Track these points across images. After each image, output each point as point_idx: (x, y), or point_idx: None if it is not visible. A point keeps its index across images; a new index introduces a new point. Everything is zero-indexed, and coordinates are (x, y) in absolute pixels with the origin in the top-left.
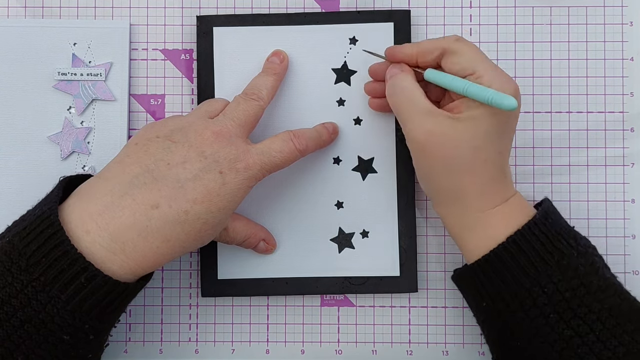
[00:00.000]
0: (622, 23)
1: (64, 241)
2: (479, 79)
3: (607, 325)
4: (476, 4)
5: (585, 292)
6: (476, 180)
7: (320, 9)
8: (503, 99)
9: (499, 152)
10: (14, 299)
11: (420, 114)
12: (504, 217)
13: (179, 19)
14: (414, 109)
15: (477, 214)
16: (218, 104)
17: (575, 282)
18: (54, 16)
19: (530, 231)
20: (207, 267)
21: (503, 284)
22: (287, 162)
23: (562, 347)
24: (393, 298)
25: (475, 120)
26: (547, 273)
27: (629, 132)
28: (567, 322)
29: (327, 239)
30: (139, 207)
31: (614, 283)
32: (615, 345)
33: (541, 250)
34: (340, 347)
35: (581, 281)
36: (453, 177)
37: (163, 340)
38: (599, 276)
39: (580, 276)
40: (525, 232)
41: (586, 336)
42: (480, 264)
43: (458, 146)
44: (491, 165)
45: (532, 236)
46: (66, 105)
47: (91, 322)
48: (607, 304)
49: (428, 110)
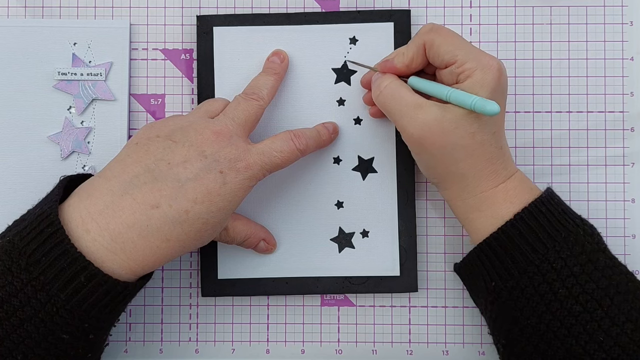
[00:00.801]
0: (622, 23)
1: (64, 240)
2: (462, 66)
3: (615, 302)
4: (476, 4)
5: (593, 268)
6: (475, 162)
7: (320, 9)
8: (485, 105)
9: (493, 133)
10: (14, 297)
11: (410, 109)
12: (508, 194)
13: (179, 19)
14: (403, 105)
15: (480, 194)
16: (218, 104)
17: (583, 258)
18: (54, 16)
19: (537, 208)
20: (207, 267)
21: (512, 261)
22: (287, 161)
23: (571, 322)
24: (393, 298)
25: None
26: (555, 249)
27: (629, 132)
28: (576, 298)
29: (327, 239)
30: (139, 206)
31: (620, 263)
32: (623, 321)
33: (549, 227)
34: (340, 347)
35: (589, 257)
36: (453, 163)
37: (163, 340)
38: (605, 254)
39: (587, 252)
40: (532, 210)
41: (594, 312)
42: (489, 242)
43: (452, 133)
44: (488, 146)
45: (540, 213)
46: (66, 105)
47: (91, 321)
48: (615, 280)
49: (416, 103)
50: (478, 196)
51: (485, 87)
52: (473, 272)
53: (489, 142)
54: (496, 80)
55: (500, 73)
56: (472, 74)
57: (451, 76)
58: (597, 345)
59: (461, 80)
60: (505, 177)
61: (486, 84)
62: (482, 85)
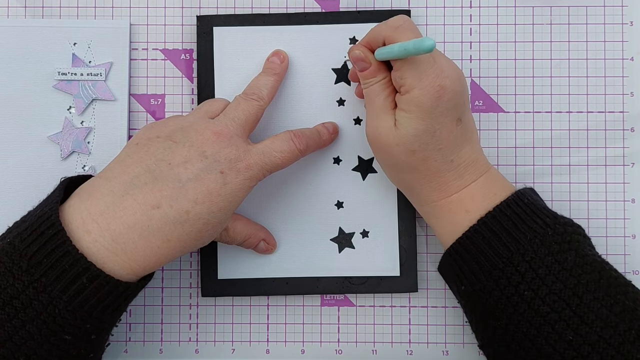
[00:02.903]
0: (622, 23)
1: (65, 242)
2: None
3: (584, 300)
4: (476, 4)
5: (560, 268)
6: (419, 176)
7: (320, 9)
8: (422, 42)
9: (439, 149)
10: (16, 299)
11: (375, 111)
12: (463, 203)
13: (179, 19)
14: (374, 105)
15: (432, 204)
16: (218, 104)
17: (549, 260)
18: (54, 16)
19: (502, 212)
20: (207, 267)
21: (477, 265)
22: (287, 162)
23: (539, 323)
24: (393, 298)
25: (404, 125)
26: (519, 252)
27: (629, 132)
28: (543, 299)
29: (327, 239)
30: (140, 207)
31: (595, 260)
32: (592, 319)
33: (513, 231)
34: (340, 347)
35: (555, 258)
36: (399, 172)
37: (163, 340)
38: (576, 253)
39: (554, 253)
40: (496, 214)
41: (562, 311)
42: (454, 248)
43: (395, 148)
44: (432, 162)
45: (503, 217)
46: (66, 105)
47: (93, 322)
48: (584, 279)
49: (382, 109)
50: (430, 205)
51: (421, 107)
52: (446, 275)
53: (433, 158)
54: (433, 102)
55: (443, 93)
56: (411, 90)
57: (396, 84)
58: (566, 345)
59: (402, 92)
60: (459, 186)
61: (421, 105)
62: (417, 104)
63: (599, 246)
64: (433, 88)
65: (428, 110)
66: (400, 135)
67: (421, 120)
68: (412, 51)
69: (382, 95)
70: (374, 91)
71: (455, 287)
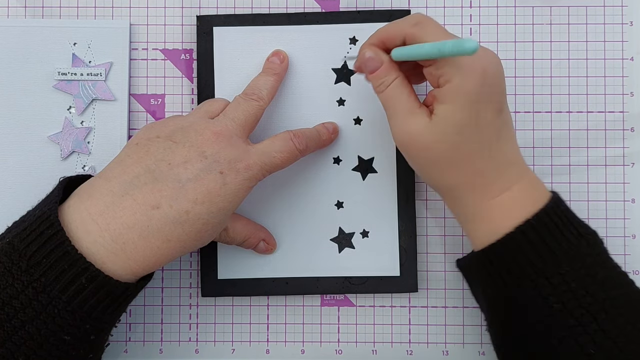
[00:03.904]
0: (622, 23)
1: (65, 242)
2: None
3: (610, 315)
4: (476, 4)
5: (590, 281)
6: (461, 175)
7: (320, 9)
8: (463, 44)
9: (481, 143)
10: (15, 300)
11: (403, 113)
12: (504, 209)
13: (179, 19)
14: (398, 108)
15: (473, 208)
16: (218, 104)
17: (582, 272)
18: (54, 16)
19: (541, 220)
20: (207, 267)
21: (508, 272)
22: (287, 162)
23: (563, 335)
24: (393, 298)
25: (445, 119)
26: (554, 264)
27: (629, 132)
28: (570, 312)
29: (327, 239)
30: (140, 207)
31: (620, 273)
32: (616, 334)
33: (550, 241)
34: (340, 347)
35: (587, 272)
36: (439, 174)
37: (163, 340)
38: (605, 266)
39: (587, 266)
40: (535, 222)
41: (589, 325)
42: (487, 253)
43: (435, 146)
44: (476, 159)
45: (542, 226)
46: (66, 105)
47: (92, 322)
48: (612, 293)
49: (410, 110)
50: (470, 209)
51: (464, 96)
52: (471, 274)
53: (476, 154)
54: (477, 87)
55: (485, 77)
56: (452, 79)
57: (431, 77)
58: (587, 358)
59: (440, 84)
60: (501, 189)
61: (465, 92)
62: (460, 93)
63: None
64: (475, 72)
65: (472, 97)
66: (442, 131)
67: (465, 110)
68: (448, 53)
69: (403, 95)
70: (393, 94)
71: (480, 289)
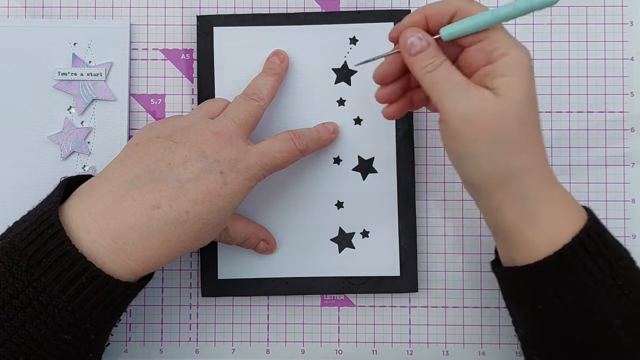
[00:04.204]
0: (622, 23)
1: (65, 241)
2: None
3: None
4: None
5: None
6: (529, 156)
7: (320, 9)
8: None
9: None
10: (15, 299)
11: (460, 88)
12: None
13: (179, 19)
14: (454, 83)
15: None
16: (218, 104)
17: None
18: (54, 16)
19: (593, 230)
20: (207, 267)
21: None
22: (287, 162)
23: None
24: (393, 298)
25: (511, 90)
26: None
27: (629, 132)
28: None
29: (327, 239)
30: (140, 207)
31: None
32: None
33: (605, 252)
34: (340, 347)
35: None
36: (505, 157)
37: (163, 340)
38: None
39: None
40: (589, 231)
41: None
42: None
43: (503, 120)
44: (539, 137)
45: (596, 236)
46: (66, 105)
47: (92, 322)
48: None
49: (464, 86)
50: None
51: (525, 67)
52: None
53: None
54: (530, 61)
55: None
56: (509, 52)
57: (481, 54)
58: None
59: (495, 58)
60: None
61: (525, 64)
62: (521, 65)
63: None
64: (524, 48)
65: (529, 69)
66: (509, 104)
67: (527, 82)
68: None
69: (456, 71)
70: (446, 72)
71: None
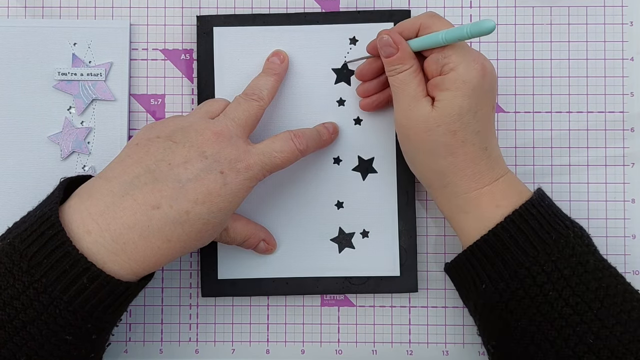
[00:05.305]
0: (622, 23)
1: (65, 242)
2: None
3: (604, 304)
4: (476, 4)
5: (583, 270)
6: (457, 161)
7: (320, 9)
8: (481, 25)
9: (477, 132)
10: (16, 300)
11: (408, 99)
12: (494, 197)
13: (179, 19)
14: (405, 94)
15: (464, 195)
16: (218, 104)
17: (573, 261)
18: (54, 16)
19: (528, 211)
20: (207, 267)
21: (503, 263)
22: (287, 162)
23: (561, 324)
24: (393, 298)
25: (446, 105)
26: (546, 252)
27: (629, 132)
28: (566, 300)
29: (327, 239)
30: (140, 207)
31: (609, 265)
32: (613, 323)
33: (539, 230)
34: (340, 347)
35: (579, 260)
36: (435, 160)
37: (163, 340)
38: (595, 256)
39: (577, 255)
40: (523, 212)
41: (585, 314)
42: (479, 245)
43: (434, 131)
44: (470, 146)
45: (530, 216)
46: (66, 105)
47: (93, 322)
48: (605, 283)
49: (415, 96)
50: (461, 197)
51: (468, 83)
52: (462, 274)
53: (471, 142)
54: (479, 78)
55: (485, 72)
56: (456, 67)
57: (436, 66)
58: (586, 348)
59: (445, 72)
60: (491, 179)
61: (469, 80)
62: (465, 80)
63: (599, 246)
64: (478, 65)
65: (474, 86)
66: (442, 116)
67: (467, 98)
68: (467, 35)
69: (414, 82)
70: (405, 79)
71: (473, 286)
